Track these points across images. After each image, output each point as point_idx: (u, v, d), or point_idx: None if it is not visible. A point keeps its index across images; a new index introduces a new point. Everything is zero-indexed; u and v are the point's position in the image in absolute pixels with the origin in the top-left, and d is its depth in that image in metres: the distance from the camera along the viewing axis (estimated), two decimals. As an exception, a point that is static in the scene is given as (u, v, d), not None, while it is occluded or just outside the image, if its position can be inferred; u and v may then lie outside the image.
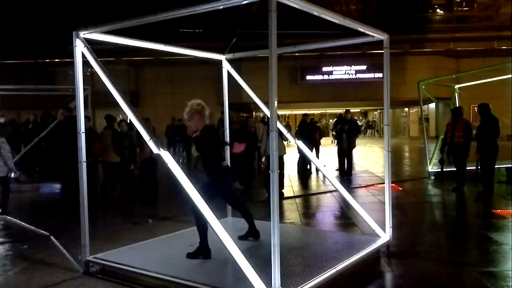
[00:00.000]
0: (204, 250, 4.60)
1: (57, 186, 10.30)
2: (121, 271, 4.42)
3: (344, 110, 12.80)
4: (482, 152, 8.70)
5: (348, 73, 25.59)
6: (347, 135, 11.97)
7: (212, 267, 4.42)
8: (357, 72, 25.46)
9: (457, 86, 12.82)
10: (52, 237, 6.03)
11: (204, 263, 4.51)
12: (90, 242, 4.66)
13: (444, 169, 10.57)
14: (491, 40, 24.11)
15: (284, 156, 9.63)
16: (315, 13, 3.98)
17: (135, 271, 4.30)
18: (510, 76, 10.46)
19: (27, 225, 6.85)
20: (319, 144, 14.06)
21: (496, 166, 10.85)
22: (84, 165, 4.59)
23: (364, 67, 25.22)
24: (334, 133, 13.46)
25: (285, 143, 9.29)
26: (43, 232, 6.35)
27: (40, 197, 9.77)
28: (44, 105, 15.19)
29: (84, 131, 4.62)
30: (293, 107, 28.46)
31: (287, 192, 9.66)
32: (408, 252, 5.28)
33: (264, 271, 3.55)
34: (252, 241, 5.20)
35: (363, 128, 39.08)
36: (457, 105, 12.48)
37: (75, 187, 4.82)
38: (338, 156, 12.52)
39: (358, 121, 13.73)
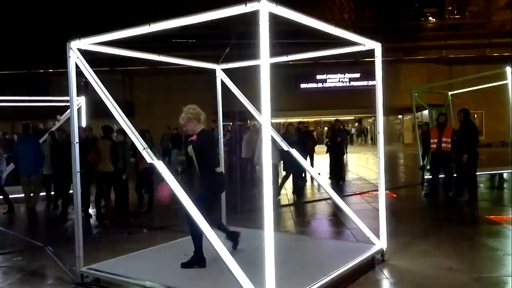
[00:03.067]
0: (199, 259, 4.60)
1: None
2: (116, 281, 4.40)
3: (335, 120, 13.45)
4: (462, 159, 8.80)
5: (342, 81, 25.73)
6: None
7: (207, 277, 4.41)
8: (351, 80, 25.60)
9: (450, 93, 12.91)
10: (46, 248, 6.03)
11: (199, 272, 4.50)
12: (84, 252, 4.64)
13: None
14: (483, 47, 24.36)
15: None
16: (307, 23, 4.02)
17: (130, 282, 4.28)
18: (502, 82, 10.54)
19: (22, 236, 6.85)
20: (313, 152, 14.10)
21: (490, 173, 11.00)
22: (79, 175, 4.58)
23: (358, 75, 25.37)
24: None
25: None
26: (38, 243, 6.35)
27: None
28: (38, 116, 15.15)
29: (78, 141, 4.62)
30: (288, 115, 28.51)
31: (282, 200, 9.66)
32: (402, 259, 5.29)
33: (258, 279, 3.55)
34: (247, 249, 5.18)
35: (355, 135, 39.22)
36: (451, 112, 12.60)
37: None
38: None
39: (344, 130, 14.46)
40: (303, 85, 25.99)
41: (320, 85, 25.93)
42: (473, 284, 4.44)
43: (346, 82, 25.66)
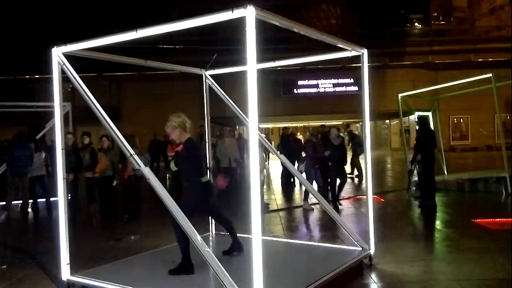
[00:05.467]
0: (186, 266, 4.57)
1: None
2: (103, 289, 4.35)
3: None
4: (420, 162, 9.10)
5: (330, 86, 25.90)
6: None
7: (194, 283, 4.38)
8: (339, 85, 25.79)
9: (436, 99, 13.10)
10: (31, 256, 5.94)
11: (187, 279, 4.47)
12: (70, 260, 4.57)
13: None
14: (467, 53, 24.73)
15: (268, 170, 9.66)
16: (294, 29, 4.05)
17: (117, 289, 4.23)
18: (487, 86, 10.72)
19: (6, 243, 6.74)
20: (301, 157, 14.13)
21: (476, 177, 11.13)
22: (64, 182, 4.53)
23: (346, 80, 25.58)
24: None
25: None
26: (23, 251, 6.25)
27: (19, 215, 9.58)
28: (23, 122, 15.03)
29: (63, 147, 4.57)
30: (275, 120, 28.62)
31: (271, 205, 9.66)
32: (390, 263, 5.32)
33: (247, 285, 3.54)
34: (236, 255, 5.18)
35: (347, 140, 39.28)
36: (437, 117, 12.79)
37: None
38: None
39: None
40: (291, 90, 26.11)
41: (308, 90, 26.07)
42: (462, 287, 4.47)
43: (334, 87, 25.83)
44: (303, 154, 11.13)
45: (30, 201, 9.62)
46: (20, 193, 9.36)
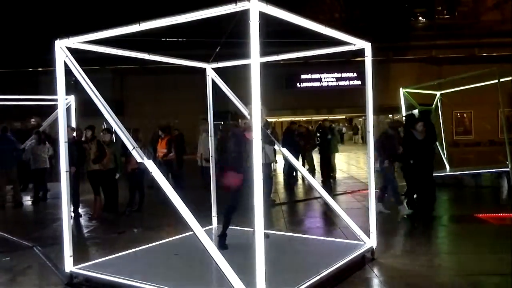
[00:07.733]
0: None
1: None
2: (106, 281, 4.37)
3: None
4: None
5: (333, 81, 25.83)
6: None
7: (197, 275, 4.40)
8: (342, 79, 25.70)
9: (439, 93, 13.04)
10: (35, 248, 5.97)
11: (189, 271, 4.49)
12: (73, 252, 4.60)
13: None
14: (471, 47, 24.58)
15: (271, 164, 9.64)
16: (298, 23, 4.03)
17: (120, 282, 4.26)
18: (491, 82, 10.66)
19: (10, 236, 6.78)
20: (306, 151, 14.11)
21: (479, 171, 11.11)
22: (67, 174, 4.54)
23: (349, 75, 25.48)
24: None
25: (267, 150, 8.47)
26: (27, 243, 6.29)
27: (24, 207, 9.64)
28: (27, 115, 15.06)
29: (67, 140, 4.58)
30: (278, 114, 28.58)
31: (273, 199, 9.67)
32: (392, 257, 5.32)
33: (249, 278, 3.55)
34: (237, 248, 5.19)
35: (351, 133, 39.26)
36: (439, 112, 12.74)
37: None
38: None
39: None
40: (294, 84, 26.05)
41: (311, 84, 26.00)
42: (461, 282, 4.48)
43: (337, 81, 25.76)
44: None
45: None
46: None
